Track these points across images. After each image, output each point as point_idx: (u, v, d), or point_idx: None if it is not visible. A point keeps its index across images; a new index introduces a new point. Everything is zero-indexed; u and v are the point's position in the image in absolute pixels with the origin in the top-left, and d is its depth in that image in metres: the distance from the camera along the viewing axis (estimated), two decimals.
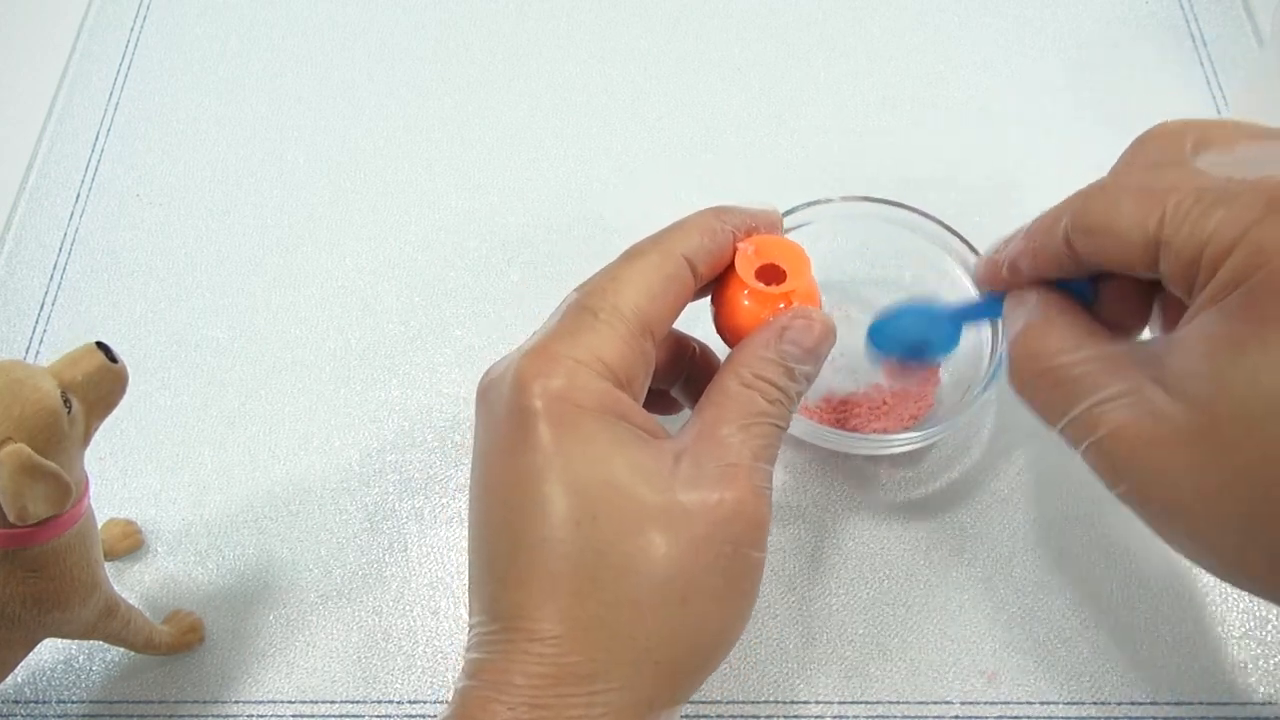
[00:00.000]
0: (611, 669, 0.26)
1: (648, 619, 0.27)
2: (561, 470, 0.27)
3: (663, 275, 0.30)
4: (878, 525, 0.42)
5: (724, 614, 0.28)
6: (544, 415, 0.27)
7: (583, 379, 0.27)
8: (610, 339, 0.28)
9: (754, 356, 0.30)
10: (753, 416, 0.29)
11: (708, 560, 0.27)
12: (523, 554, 0.27)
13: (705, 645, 0.28)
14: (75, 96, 0.55)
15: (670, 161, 0.52)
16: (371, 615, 0.41)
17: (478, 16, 0.58)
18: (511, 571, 0.27)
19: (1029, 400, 0.30)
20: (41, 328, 0.48)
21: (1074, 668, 0.39)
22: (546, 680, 0.26)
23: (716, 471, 0.28)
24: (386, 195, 0.52)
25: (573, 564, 0.26)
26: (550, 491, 0.27)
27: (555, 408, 0.27)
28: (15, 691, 0.39)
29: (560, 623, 0.26)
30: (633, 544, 0.27)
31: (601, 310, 0.29)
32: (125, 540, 0.41)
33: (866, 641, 0.40)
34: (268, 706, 0.39)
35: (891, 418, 0.43)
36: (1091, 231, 0.28)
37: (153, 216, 0.51)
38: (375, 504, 0.43)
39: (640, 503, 0.27)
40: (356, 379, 0.46)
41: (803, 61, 0.55)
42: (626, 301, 0.29)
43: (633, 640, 0.26)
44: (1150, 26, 0.56)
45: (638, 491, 0.27)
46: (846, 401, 0.44)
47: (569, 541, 0.26)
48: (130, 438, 0.45)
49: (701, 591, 0.27)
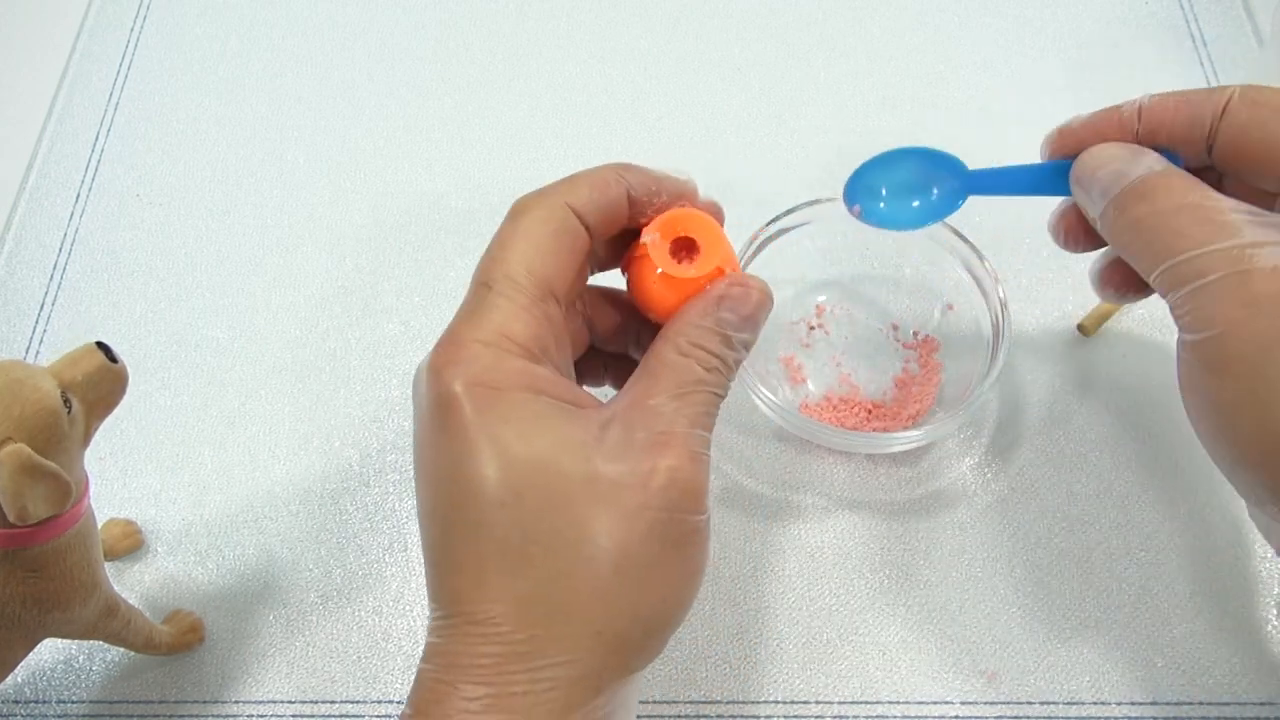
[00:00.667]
0: (552, 644, 0.26)
1: (583, 592, 0.27)
2: (483, 453, 0.27)
3: (550, 231, 0.29)
4: (877, 525, 0.42)
5: (666, 581, 0.28)
6: (461, 402, 0.27)
7: (490, 359, 0.27)
8: (511, 311, 0.28)
9: (690, 325, 0.29)
10: (689, 385, 0.29)
11: (641, 529, 0.27)
12: (455, 539, 0.27)
13: (649, 614, 0.28)
14: (75, 96, 0.55)
15: (670, 161, 0.52)
16: (371, 615, 0.41)
17: (478, 16, 0.58)
18: (447, 557, 0.27)
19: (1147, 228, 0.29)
20: (41, 328, 0.48)
21: (1074, 668, 0.39)
22: (490, 659, 0.26)
23: (648, 439, 0.27)
24: (386, 195, 0.52)
25: (502, 545, 0.27)
26: (474, 475, 0.27)
27: (470, 393, 0.27)
28: (15, 691, 0.39)
29: (497, 602, 0.26)
30: (560, 519, 0.27)
31: (495, 282, 0.28)
32: (125, 540, 0.41)
33: (866, 641, 0.40)
34: (268, 706, 0.39)
35: (892, 418, 0.43)
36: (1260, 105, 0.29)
37: (153, 216, 0.51)
38: (375, 504, 0.43)
39: (565, 477, 0.27)
40: (356, 379, 0.46)
41: (803, 61, 0.55)
42: (518, 268, 0.28)
43: (570, 614, 0.26)
44: (1150, 26, 0.56)
45: (562, 465, 0.27)
46: (846, 400, 0.44)
47: (497, 523, 0.27)
48: (130, 438, 0.45)
49: (637, 561, 0.27)
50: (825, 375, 0.45)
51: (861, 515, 0.42)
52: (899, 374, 0.45)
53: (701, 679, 0.39)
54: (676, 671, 0.39)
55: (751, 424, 0.44)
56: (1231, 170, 0.31)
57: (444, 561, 0.27)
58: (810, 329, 0.46)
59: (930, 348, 0.45)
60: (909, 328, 0.45)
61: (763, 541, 0.42)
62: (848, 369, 0.45)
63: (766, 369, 0.44)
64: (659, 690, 0.39)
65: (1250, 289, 0.26)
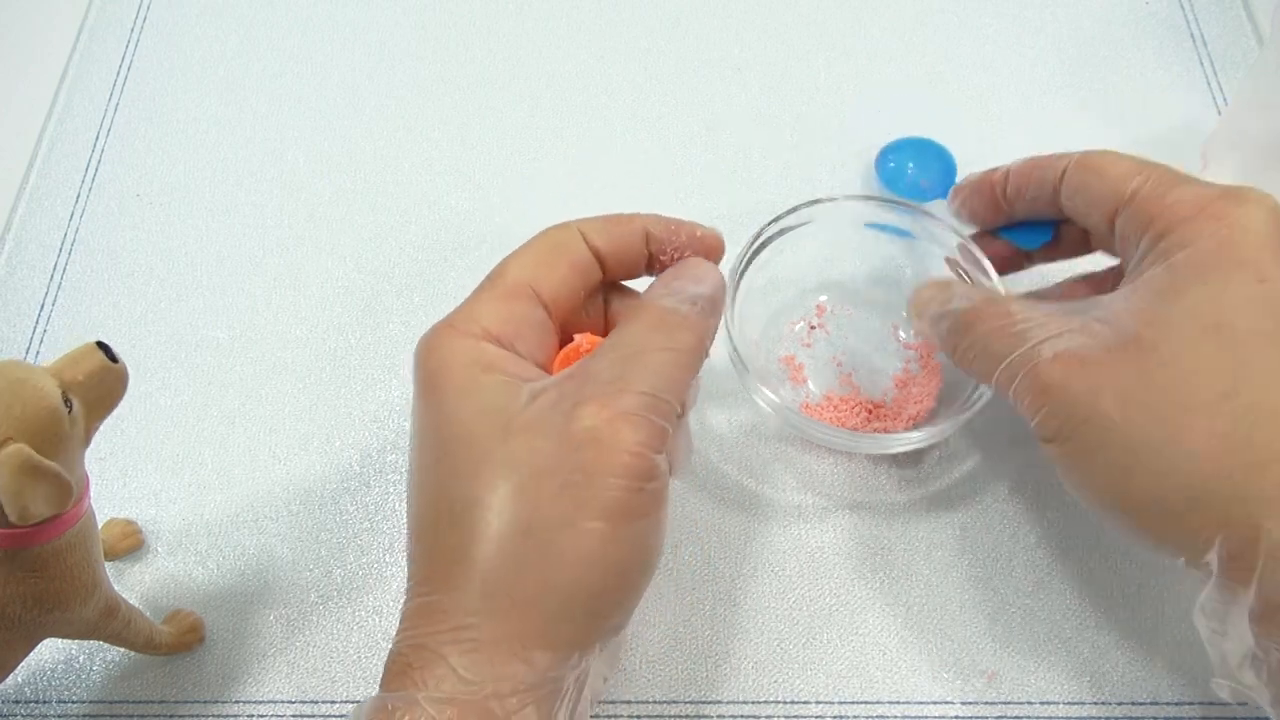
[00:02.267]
0: (466, 604, 0.27)
1: (494, 554, 0.27)
2: (422, 423, 0.30)
3: (549, 244, 0.32)
4: (878, 525, 0.42)
5: (584, 549, 0.27)
6: (422, 379, 0.30)
7: (452, 340, 0.30)
8: (486, 300, 0.31)
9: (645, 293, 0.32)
10: (636, 346, 0.29)
11: (552, 490, 0.27)
12: (408, 506, 0.30)
13: (565, 583, 0.27)
14: (75, 96, 0.55)
15: (670, 161, 0.52)
16: (371, 615, 0.41)
17: (478, 16, 0.58)
18: (409, 522, 0.30)
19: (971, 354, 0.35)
20: (41, 328, 0.48)
21: (1074, 668, 0.39)
22: (420, 619, 0.28)
23: (575, 402, 0.28)
24: (386, 195, 0.52)
25: (428, 507, 0.29)
26: (417, 444, 0.30)
27: (430, 370, 0.30)
28: (15, 691, 0.39)
29: (426, 564, 0.28)
30: (473, 481, 0.28)
31: (488, 278, 0.32)
32: (125, 540, 0.41)
33: (866, 641, 0.40)
34: (268, 706, 0.39)
35: (892, 417, 0.43)
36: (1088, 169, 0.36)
37: (153, 216, 0.51)
38: (375, 504, 0.43)
39: (479, 442, 0.28)
40: (356, 379, 0.46)
41: (803, 61, 0.56)
42: (509, 267, 0.32)
43: (484, 576, 0.27)
44: (1150, 26, 0.56)
45: (477, 430, 0.28)
46: (847, 400, 0.44)
47: (425, 486, 0.29)
48: (130, 438, 0.45)
49: (547, 523, 0.27)
50: (826, 375, 0.45)
51: (862, 515, 0.42)
52: (899, 374, 0.44)
53: (701, 679, 0.39)
54: (676, 671, 0.39)
55: (752, 424, 0.44)
56: (1077, 219, 0.38)
57: (408, 525, 0.30)
58: (811, 329, 0.46)
59: (931, 348, 0.45)
60: (911, 328, 0.45)
61: (763, 541, 0.42)
62: (848, 369, 0.45)
63: (767, 369, 0.44)
64: (659, 690, 0.39)
65: (1041, 380, 0.32)
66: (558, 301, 0.32)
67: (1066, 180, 0.37)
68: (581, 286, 0.33)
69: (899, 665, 0.39)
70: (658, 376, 0.29)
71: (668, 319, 0.30)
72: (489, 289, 0.32)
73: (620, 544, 0.28)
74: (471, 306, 0.31)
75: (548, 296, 0.32)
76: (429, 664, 0.27)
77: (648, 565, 0.29)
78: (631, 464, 0.27)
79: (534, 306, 0.31)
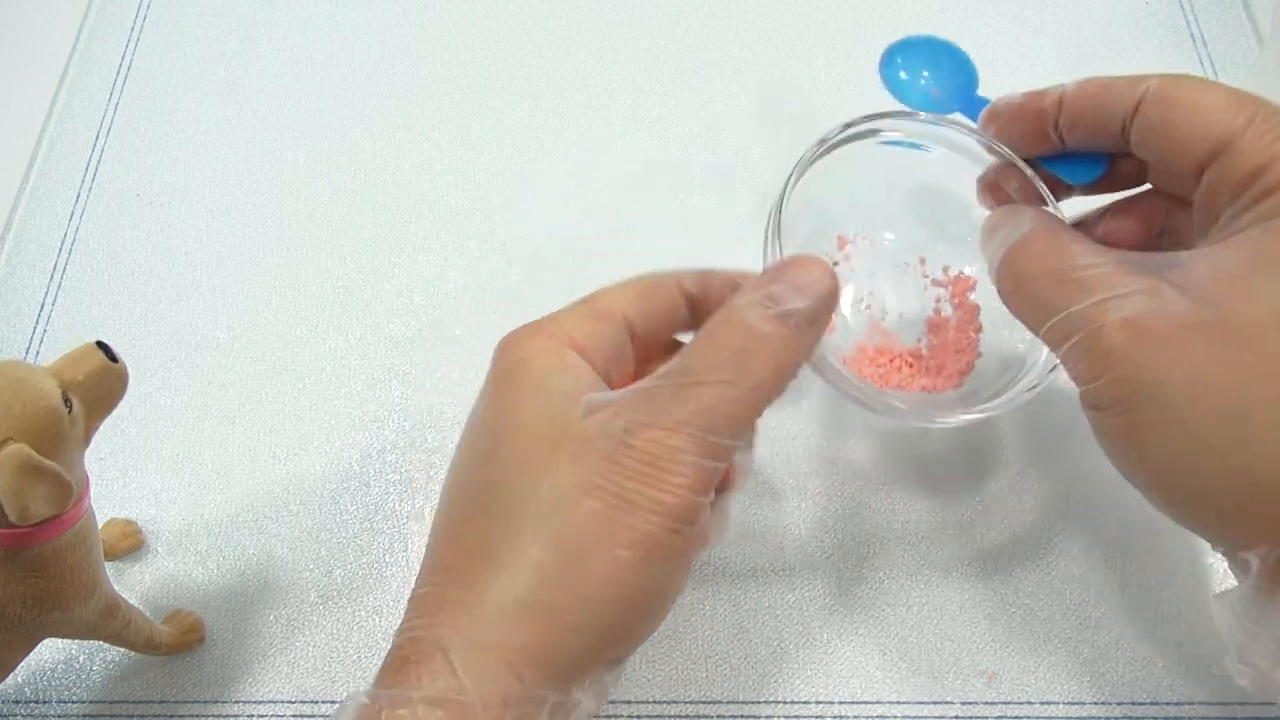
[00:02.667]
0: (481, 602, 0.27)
1: (520, 558, 0.27)
2: (485, 414, 0.29)
3: (648, 282, 0.32)
4: (877, 525, 0.42)
5: (608, 570, 0.26)
6: (498, 371, 0.30)
7: (535, 339, 0.30)
8: (577, 314, 0.31)
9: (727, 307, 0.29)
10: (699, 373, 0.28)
11: (592, 508, 0.27)
12: (445, 492, 0.29)
13: (583, 601, 0.26)
14: (75, 96, 0.55)
15: (670, 162, 0.52)
16: (371, 615, 0.41)
17: (478, 16, 0.58)
18: (439, 511, 0.29)
19: (1022, 296, 0.30)
20: (41, 328, 0.48)
21: (1074, 668, 0.39)
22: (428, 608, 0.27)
23: (624, 426, 0.27)
24: (386, 195, 0.52)
25: (469, 495, 0.28)
26: (474, 433, 0.29)
27: (508, 364, 0.30)
28: (15, 691, 0.39)
29: (449, 554, 0.28)
30: (519, 481, 0.28)
31: (581, 300, 0.32)
32: (125, 540, 0.41)
33: (866, 641, 0.40)
34: (268, 706, 0.39)
35: (936, 371, 0.38)
36: (1172, 104, 0.29)
37: (153, 216, 0.51)
38: (375, 504, 0.43)
39: (534, 444, 0.28)
40: (356, 379, 0.46)
41: (803, 61, 0.55)
42: (603, 293, 0.32)
43: (504, 577, 0.27)
44: (1150, 26, 0.56)
45: (536, 431, 0.28)
46: (883, 351, 0.39)
47: (470, 477, 0.29)
48: (130, 438, 0.45)
49: (581, 539, 0.27)
50: (855, 322, 0.40)
51: (861, 515, 0.42)
52: (931, 316, 0.40)
53: (701, 679, 0.39)
54: (676, 671, 0.39)
55: None
56: (1149, 160, 0.32)
57: (437, 514, 0.29)
58: (834, 264, 0.38)
59: (965, 284, 0.39)
60: (938, 261, 0.40)
61: (763, 541, 0.42)
62: (878, 314, 0.39)
63: None
64: (659, 690, 0.39)
65: (1104, 344, 0.27)
66: (645, 334, 0.32)
67: (1142, 115, 0.30)
68: (668, 328, 0.33)
69: (899, 665, 0.39)
70: (716, 415, 0.27)
71: (748, 342, 0.28)
72: (581, 306, 0.31)
73: (644, 578, 0.27)
74: (561, 315, 0.31)
75: (636, 327, 0.31)
76: (426, 658, 0.26)
77: (662, 608, 0.28)
78: (673, 505, 0.27)
79: (621, 330, 0.31)
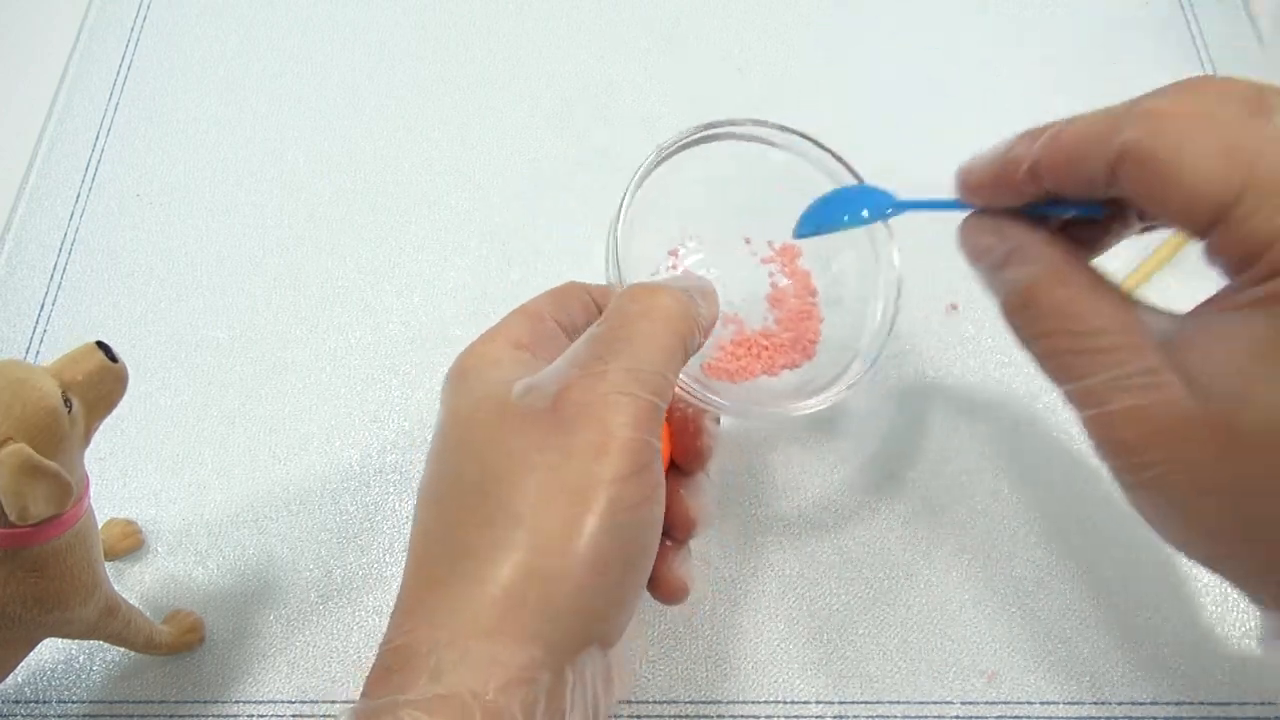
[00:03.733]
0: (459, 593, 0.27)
1: (486, 542, 0.27)
2: (440, 423, 0.30)
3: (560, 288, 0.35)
4: (877, 525, 0.42)
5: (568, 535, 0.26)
6: (452, 374, 0.31)
7: (481, 344, 0.32)
8: (514, 319, 0.33)
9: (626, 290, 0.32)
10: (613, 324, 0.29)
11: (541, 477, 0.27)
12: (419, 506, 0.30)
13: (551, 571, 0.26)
14: (75, 96, 0.55)
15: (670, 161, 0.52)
16: (371, 615, 0.41)
17: (478, 16, 0.58)
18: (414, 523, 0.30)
19: (1036, 352, 0.28)
20: (41, 328, 0.48)
21: (1074, 668, 0.39)
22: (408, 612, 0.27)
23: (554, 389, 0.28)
24: (386, 195, 0.52)
25: (430, 493, 0.29)
26: (433, 447, 0.30)
27: (459, 367, 0.31)
28: (15, 691, 0.39)
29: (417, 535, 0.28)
30: (466, 464, 0.28)
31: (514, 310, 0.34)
32: (125, 540, 0.41)
33: (866, 641, 0.40)
34: (268, 706, 0.39)
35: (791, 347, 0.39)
36: (1155, 166, 0.24)
37: (153, 216, 0.51)
38: (375, 504, 0.43)
39: (480, 428, 0.29)
40: (356, 379, 0.46)
41: (803, 61, 0.56)
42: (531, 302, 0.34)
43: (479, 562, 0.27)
44: (1150, 26, 0.56)
45: (478, 417, 0.29)
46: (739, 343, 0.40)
47: (431, 474, 0.29)
48: (130, 438, 0.45)
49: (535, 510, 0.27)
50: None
51: (861, 516, 0.42)
52: (770, 292, 0.40)
53: (701, 679, 0.39)
54: (676, 671, 0.39)
55: (752, 424, 0.44)
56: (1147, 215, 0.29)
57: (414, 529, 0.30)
58: (672, 268, 0.40)
59: (792, 253, 0.40)
60: (761, 239, 0.40)
61: (763, 541, 0.42)
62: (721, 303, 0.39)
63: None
64: (659, 690, 0.39)
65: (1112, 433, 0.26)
66: (568, 329, 0.34)
67: (1122, 180, 0.26)
68: (586, 323, 0.35)
69: (899, 665, 0.39)
70: (639, 348, 0.28)
71: (645, 291, 0.29)
72: (516, 313, 0.34)
73: (606, 536, 0.26)
74: (500, 323, 0.33)
75: (563, 323, 0.34)
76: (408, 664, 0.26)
77: (633, 571, 0.28)
78: (618, 448, 0.26)
79: (553, 326, 0.34)
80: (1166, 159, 0.24)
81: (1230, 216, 0.23)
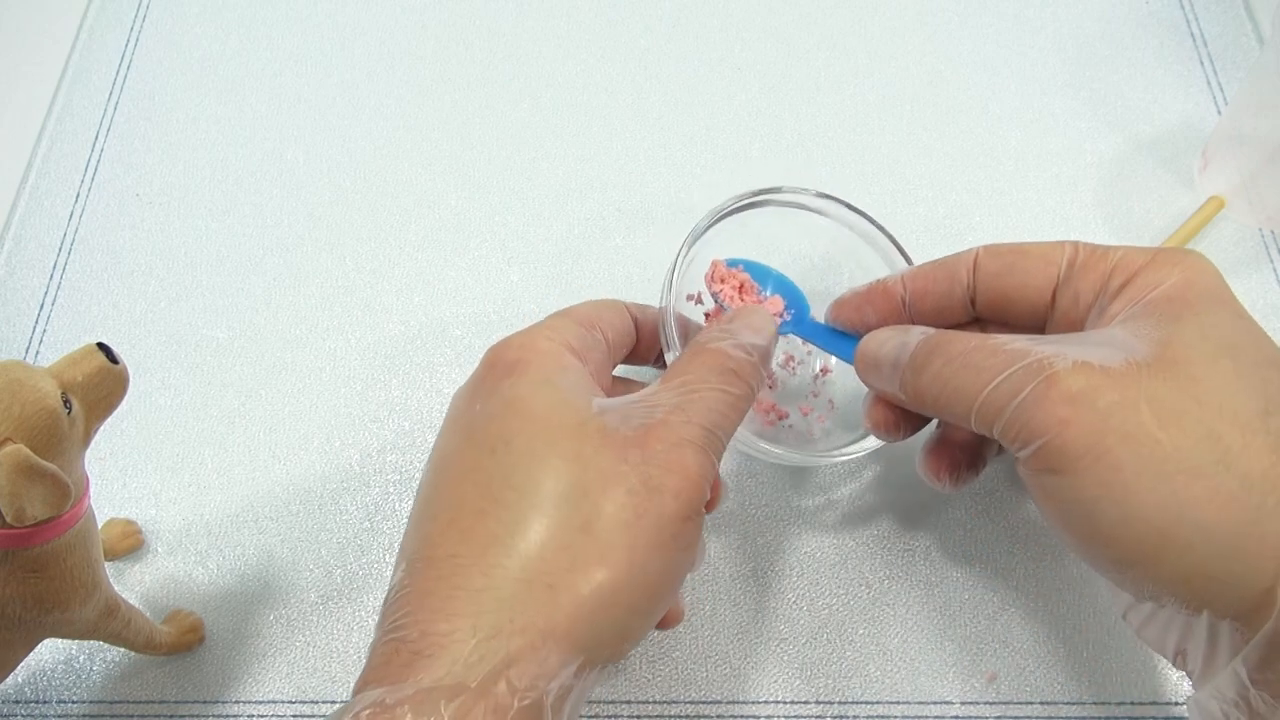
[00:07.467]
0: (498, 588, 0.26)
1: (546, 540, 0.27)
2: (489, 407, 0.30)
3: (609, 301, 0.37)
4: (878, 526, 0.42)
5: (636, 554, 0.27)
6: (502, 366, 0.31)
7: (537, 339, 0.32)
8: (566, 322, 0.34)
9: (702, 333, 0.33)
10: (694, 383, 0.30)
11: (617, 495, 0.28)
12: (441, 487, 0.29)
13: (610, 583, 0.27)
14: (75, 96, 0.55)
15: (670, 162, 0.52)
16: (371, 615, 0.41)
17: (478, 16, 0.58)
18: (427, 508, 0.29)
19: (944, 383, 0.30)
20: (41, 328, 0.48)
21: (1074, 668, 0.39)
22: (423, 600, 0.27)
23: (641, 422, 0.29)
24: (386, 195, 0.52)
25: (481, 488, 0.28)
26: (476, 428, 0.30)
27: (511, 358, 0.31)
28: (15, 691, 0.39)
29: (462, 543, 0.27)
30: (542, 466, 0.28)
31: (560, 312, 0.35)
32: (125, 540, 0.41)
33: (866, 641, 0.40)
34: (268, 706, 0.39)
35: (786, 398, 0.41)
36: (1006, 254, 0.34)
37: (153, 216, 0.51)
38: (375, 504, 0.43)
39: (554, 431, 0.29)
40: (356, 379, 0.46)
41: (803, 61, 0.55)
42: (579, 306, 0.35)
43: (527, 560, 0.27)
44: (1150, 26, 0.56)
45: (553, 419, 0.29)
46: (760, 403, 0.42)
47: (483, 469, 0.29)
48: (130, 438, 0.45)
49: (608, 523, 0.27)
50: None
51: (862, 515, 0.42)
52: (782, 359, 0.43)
53: (701, 679, 0.39)
54: (676, 671, 0.39)
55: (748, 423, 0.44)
56: (995, 317, 0.34)
57: (422, 513, 0.29)
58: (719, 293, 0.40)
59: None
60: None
61: (763, 541, 0.42)
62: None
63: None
64: (659, 690, 0.39)
65: (1061, 389, 0.27)
66: (614, 344, 0.35)
67: (982, 268, 0.33)
68: (627, 343, 0.37)
69: (899, 665, 0.39)
70: (715, 414, 0.30)
71: (725, 363, 0.31)
72: (565, 315, 0.34)
73: (662, 563, 0.28)
74: (553, 322, 0.34)
75: (609, 338, 0.35)
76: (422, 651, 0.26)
77: (665, 602, 0.29)
78: (690, 490, 0.29)
79: (601, 339, 0.35)
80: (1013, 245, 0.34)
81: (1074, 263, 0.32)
